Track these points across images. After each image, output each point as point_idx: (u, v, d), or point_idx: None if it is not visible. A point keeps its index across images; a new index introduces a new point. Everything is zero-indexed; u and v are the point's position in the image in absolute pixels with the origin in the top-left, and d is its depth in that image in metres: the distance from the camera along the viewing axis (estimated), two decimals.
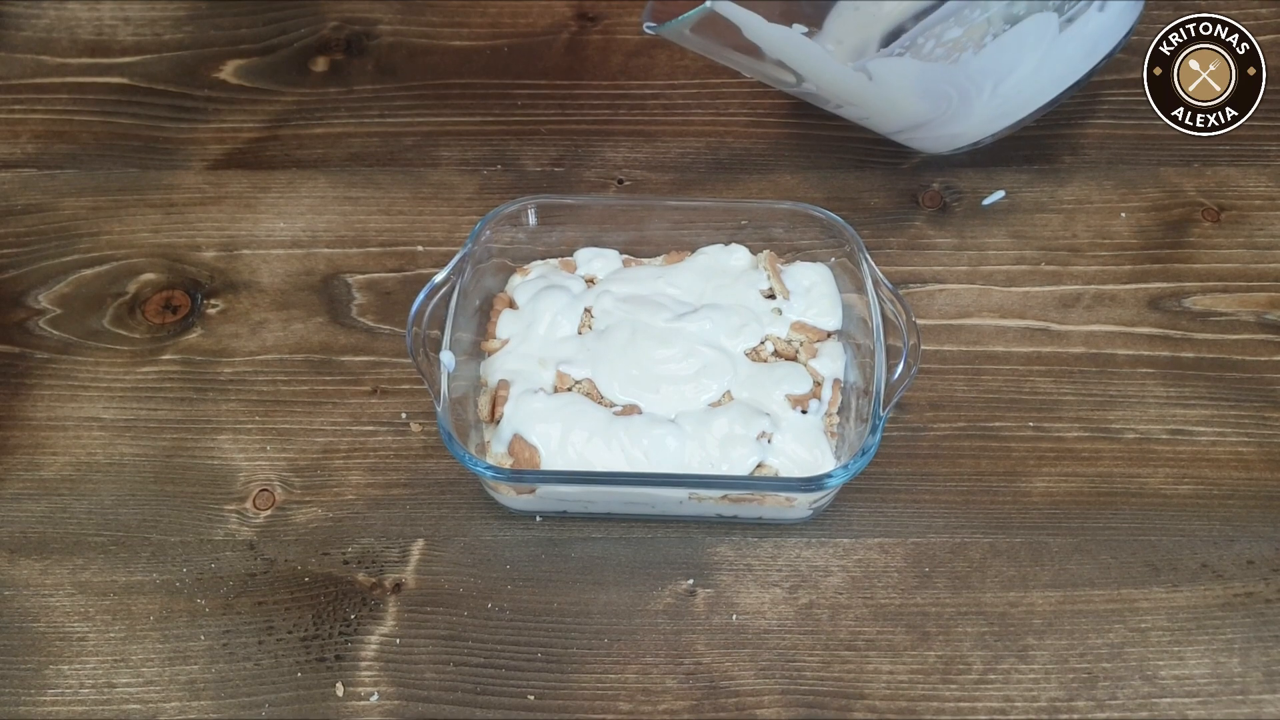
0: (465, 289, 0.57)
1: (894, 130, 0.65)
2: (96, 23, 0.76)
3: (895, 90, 0.60)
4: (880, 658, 0.53)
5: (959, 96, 0.61)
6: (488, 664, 0.53)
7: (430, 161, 0.70)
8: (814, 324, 0.58)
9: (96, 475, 0.58)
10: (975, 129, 0.64)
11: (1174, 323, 0.62)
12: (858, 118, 0.65)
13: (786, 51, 0.58)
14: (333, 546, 0.56)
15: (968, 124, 0.63)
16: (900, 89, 0.60)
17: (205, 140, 0.71)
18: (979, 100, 0.61)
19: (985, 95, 0.61)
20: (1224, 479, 0.57)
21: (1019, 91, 0.62)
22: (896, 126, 0.64)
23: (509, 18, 0.76)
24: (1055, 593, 0.54)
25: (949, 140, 0.65)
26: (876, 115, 0.64)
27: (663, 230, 0.61)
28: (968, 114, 0.62)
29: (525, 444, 0.54)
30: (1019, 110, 0.63)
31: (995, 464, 0.58)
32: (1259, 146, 0.68)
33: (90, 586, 0.55)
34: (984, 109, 0.62)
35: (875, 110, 0.63)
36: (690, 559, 0.55)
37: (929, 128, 0.63)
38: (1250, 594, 0.54)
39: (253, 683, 0.52)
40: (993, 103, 0.61)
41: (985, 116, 0.63)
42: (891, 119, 0.64)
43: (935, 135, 0.64)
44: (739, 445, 0.54)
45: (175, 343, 0.63)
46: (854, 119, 0.65)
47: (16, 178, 0.69)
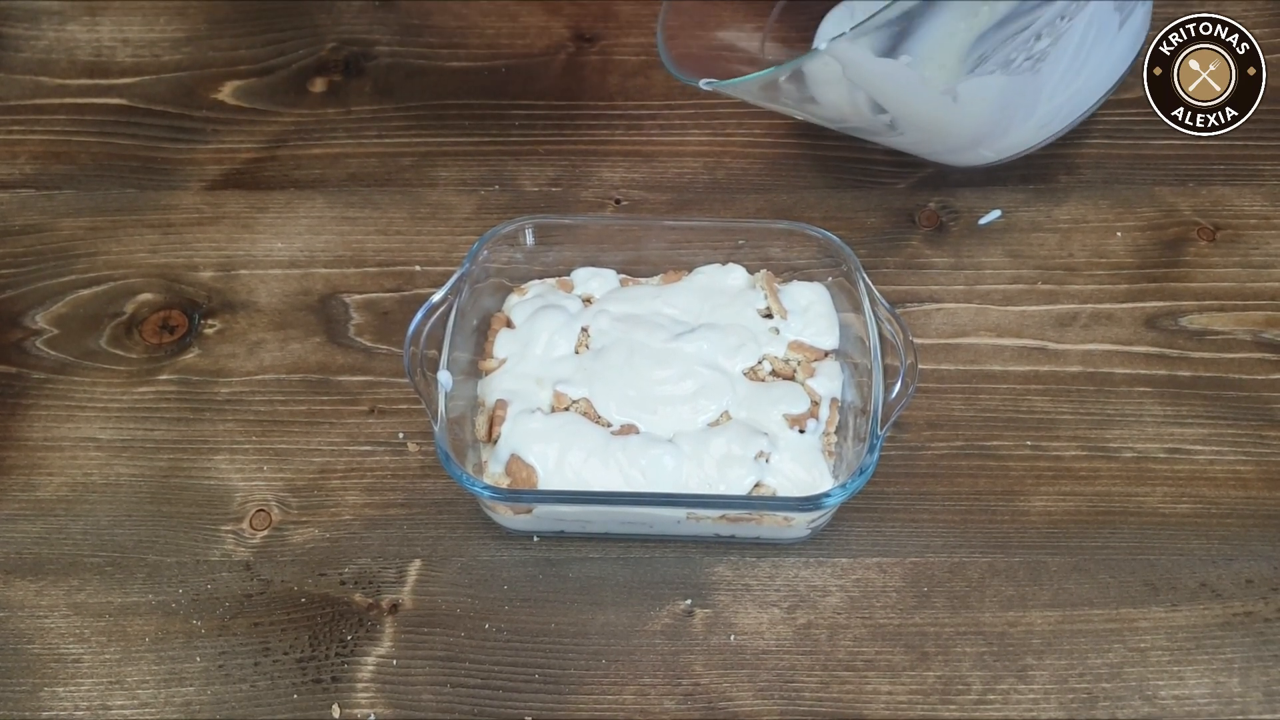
0: (463, 309, 0.57)
1: (943, 150, 0.65)
2: (95, 44, 0.76)
3: (976, 108, 0.60)
4: (879, 678, 0.52)
5: (1026, 106, 0.61)
6: (485, 685, 0.52)
7: (428, 182, 0.70)
8: (811, 343, 0.58)
9: (93, 496, 0.58)
10: (1024, 140, 0.64)
11: (1171, 341, 0.62)
12: (908, 143, 0.64)
13: (882, 86, 0.58)
14: (329, 567, 0.56)
15: (1021, 134, 0.63)
16: (982, 106, 0.60)
17: (203, 161, 0.71)
18: (1039, 107, 0.61)
19: (1045, 102, 0.61)
20: (1222, 498, 0.57)
21: (1073, 96, 0.62)
22: (950, 146, 0.64)
23: (506, 39, 0.76)
24: (1054, 612, 0.54)
25: (992, 155, 0.65)
26: (937, 138, 0.63)
27: (660, 250, 0.61)
28: (1024, 123, 0.62)
29: (523, 464, 0.54)
30: (1068, 116, 0.63)
31: (993, 483, 0.58)
32: (1254, 166, 0.69)
33: (86, 608, 0.55)
34: (1040, 117, 0.62)
35: (940, 132, 0.62)
36: (688, 579, 0.55)
37: (984, 143, 0.64)
38: (1249, 613, 0.54)
39: (249, 704, 0.52)
40: (1049, 109, 0.62)
41: (1038, 125, 0.63)
42: (951, 139, 0.63)
43: (982, 151, 0.65)
44: (737, 465, 0.54)
45: (172, 363, 0.62)
46: (897, 144, 0.64)
47: (14, 198, 0.69)
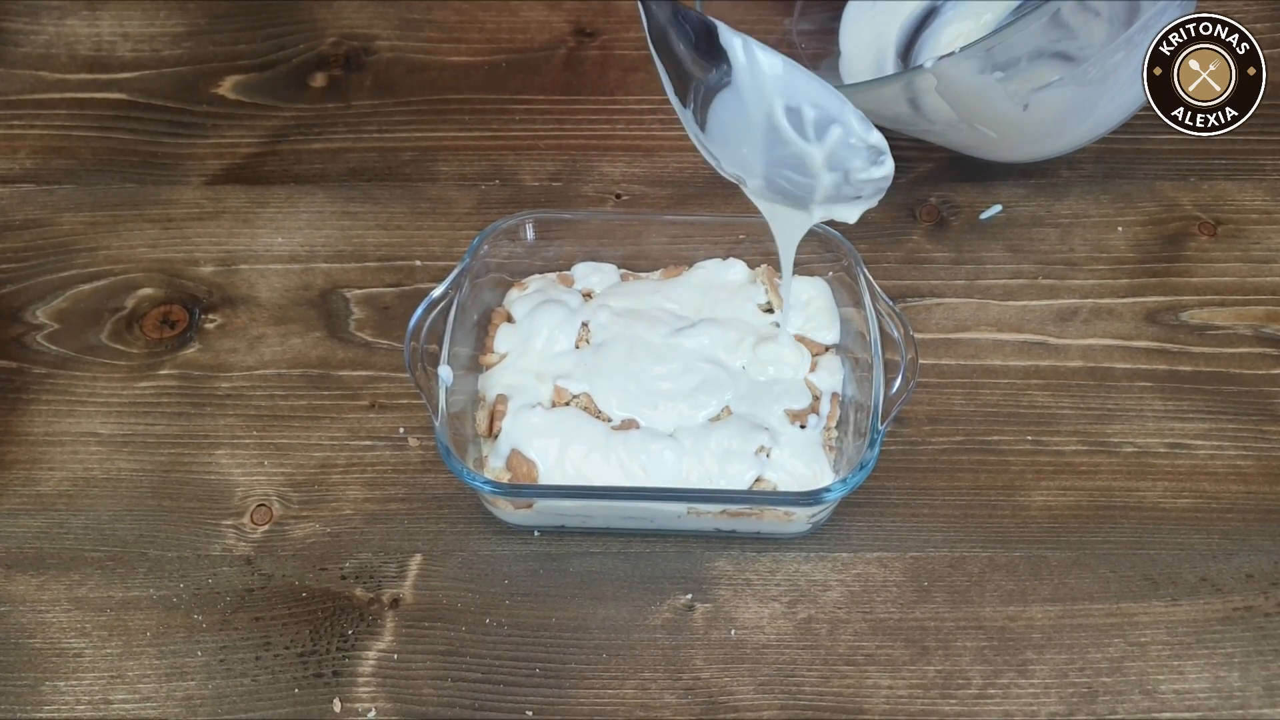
0: (463, 303, 0.57)
1: (978, 146, 0.65)
2: (95, 39, 0.76)
3: (1042, 115, 0.60)
4: (879, 673, 0.52)
5: (1085, 113, 0.61)
6: (486, 679, 0.53)
7: (428, 176, 0.70)
8: (812, 338, 0.58)
9: (94, 490, 0.58)
10: (1072, 143, 0.65)
11: (1171, 336, 0.62)
12: (943, 139, 0.65)
13: (964, 97, 0.58)
14: (330, 562, 0.56)
15: (1073, 138, 0.64)
16: (1048, 114, 0.61)
17: (204, 156, 0.71)
18: (1096, 113, 0.62)
19: (1101, 108, 0.61)
20: (1223, 492, 0.57)
21: (1126, 104, 0.62)
22: (997, 147, 0.64)
23: (506, 33, 0.76)
24: (1054, 607, 0.54)
25: (1033, 156, 0.66)
26: (994, 143, 0.64)
27: (660, 245, 0.61)
28: (1075, 129, 0.63)
29: (523, 459, 0.54)
30: (1116, 121, 0.63)
31: (994, 478, 0.58)
32: (1255, 160, 0.68)
33: (87, 602, 0.55)
34: (1092, 123, 0.63)
35: (1000, 136, 0.63)
36: (689, 574, 0.55)
37: (1033, 146, 0.64)
38: (1250, 608, 0.54)
39: (250, 699, 0.52)
40: (1103, 114, 0.62)
41: (1089, 130, 0.63)
42: (1003, 142, 0.64)
43: (1027, 151, 0.65)
44: (737, 460, 0.54)
45: (173, 358, 0.62)
46: (926, 135, 0.65)
47: (15, 193, 0.69)
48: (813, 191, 0.50)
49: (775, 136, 0.48)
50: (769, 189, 0.51)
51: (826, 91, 0.47)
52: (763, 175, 0.50)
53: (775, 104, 0.47)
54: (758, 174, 0.50)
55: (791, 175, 0.49)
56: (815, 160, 0.48)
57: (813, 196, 0.50)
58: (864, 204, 0.51)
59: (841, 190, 0.49)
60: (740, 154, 0.50)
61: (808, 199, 0.50)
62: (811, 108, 0.47)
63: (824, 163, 0.48)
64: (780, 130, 0.48)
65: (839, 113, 0.47)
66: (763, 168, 0.50)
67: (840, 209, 0.51)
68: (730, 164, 0.51)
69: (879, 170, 0.48)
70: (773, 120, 0.47)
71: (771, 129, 0.48)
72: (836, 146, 0.48)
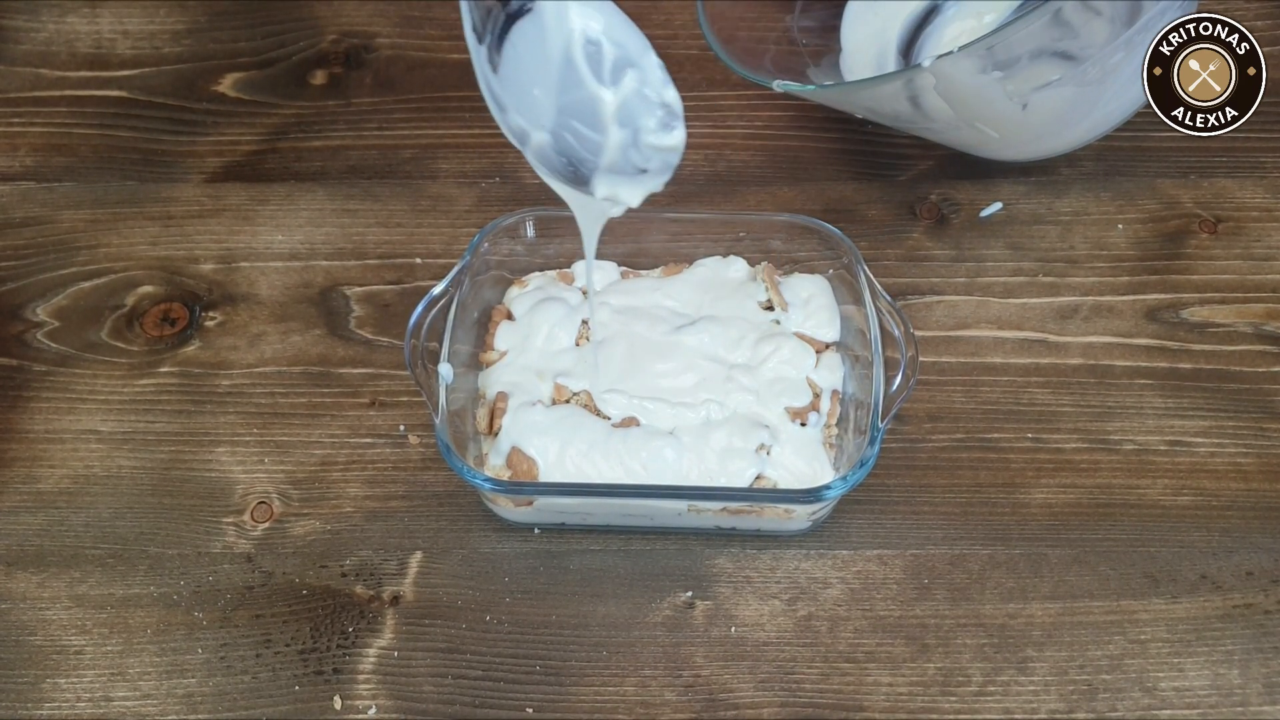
0: (463, 301, 0.57)
1: (976, 144, 0.65)
2: (95, 36, 0.76)
3: (1041, 115, 0.60)
4: (879, 670, 0.52)
5: (1084, 113, 0.61)
6: (486, 677, 0.53)
7: (429, 174, 0.70)
8: (812, 336, 0.58)
9: (94, 488, 0.58)
10: (1072, 143, 0.65)
11: (1172, 334, 0.62)
12: (941, 137, 0.65)
13: (963, 95, 0.58)
14: (330, 559, 0.56)
15: (1072, 137, 0.64)
16: (1047, 114, 0.61)
17: (204, 153, 0.71)
18: (1095, 113, 0.62)
19: (1101, 109, 0.61)
20: (1222, 490, 0.57)
21: (1126, 104, 0.63)
22: (995, 146, 0.65)
23: None
24: (1054, 604, 0.54)
25: (1031, 155, 0.66)
26: (995, 142, 0.64)
27: (660, 242, 0.61)
28: (1075, 128, 0.63)
29: (523, 456, 0.54)
30: (1116, 120, 0.64)
31: (994, 475, 0.58)
32: (1255, 158, 0.68)
33: (87, 599, 0.55)
34: (1092, 122, 0.63)
35: (1001, 135, 0.63)
36: (689, 571, 0.55)
37: (1031, 145, 0.64)
38: (1250, 605, 0.54)
39: (250, 696, 0.52)
40: (1103, 114, 0.62)
41: (1088, 129, 0.64)
42: (1002, 141, 0.64)
43: (1028, 149, 0.65)
44: (738, 458, 0.54)
45: (173, 355, 0.63)
46: (925, 134, 0.65)
47: (15, 190, 0.69)
48: (599, 152, 0.47)
49: (570, 74, 0.45)
50: (555, 148, 0.48)
51: (632, 30, 0.45)
52: (550, 127, 0.47)
53: (576, 32, 0.45)
54: (545, 124, 0.47)
55: (579, 128, 0.47)
56: (607, 108, 0.46)
57: (598, 159, 0.47)
58: (650, 181, 0.48)
59: (629, 156, 0.47)
60: (531, 97, 0.47)
61: (592, 163, 0.47)
62: (613, 45, 0.45)
63: (615, 114, 0.46)
64: (576, 66, 0.45)
65: (639, 57, 0.45)
66: (552, 115, 0.47)
67: (625, 185, 0.48)
68: (518, 111, 0.48)
69: (668, 138, 0.46)
70: (570, 53, 0.45)
71: (568, 63, 0.45)
72: (630, 96, 0.45)
